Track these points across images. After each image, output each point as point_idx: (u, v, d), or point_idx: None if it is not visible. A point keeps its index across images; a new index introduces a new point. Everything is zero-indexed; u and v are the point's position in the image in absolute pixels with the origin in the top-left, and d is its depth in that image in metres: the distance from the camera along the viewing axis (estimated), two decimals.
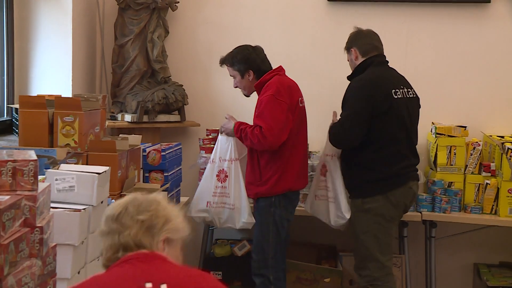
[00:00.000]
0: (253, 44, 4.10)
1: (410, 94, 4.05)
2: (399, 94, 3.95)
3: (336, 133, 3.98)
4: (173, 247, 1.99)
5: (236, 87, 4.10)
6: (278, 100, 3.85)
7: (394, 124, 3.91)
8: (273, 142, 3.82)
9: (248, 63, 3.99)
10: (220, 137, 4.10)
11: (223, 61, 4.07)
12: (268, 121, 3.80)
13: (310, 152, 4.79)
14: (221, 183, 4.05)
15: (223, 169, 4.04)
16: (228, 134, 4.04)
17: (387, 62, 4.11)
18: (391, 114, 3.90)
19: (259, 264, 3.97)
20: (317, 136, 4.89)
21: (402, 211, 4.05)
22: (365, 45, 4.05)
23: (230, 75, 4.07)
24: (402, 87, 4.00)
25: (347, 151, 4.04)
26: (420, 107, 4.16)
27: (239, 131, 3.91)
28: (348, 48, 4.11)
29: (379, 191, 3.89)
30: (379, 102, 3.87)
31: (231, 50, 4.07)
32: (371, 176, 3.91)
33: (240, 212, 4.04)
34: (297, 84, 4.06)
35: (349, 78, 4.09)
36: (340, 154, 4.13)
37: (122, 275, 1.87)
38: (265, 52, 4.12)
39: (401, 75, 4.11)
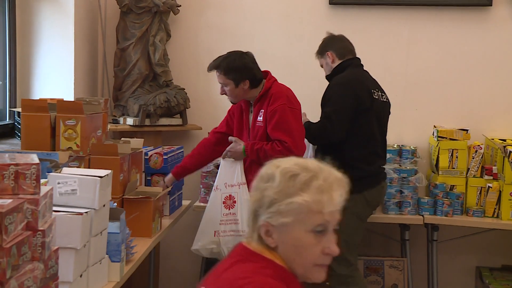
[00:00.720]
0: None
1: (384, 98, 4.15)
2: (376, 95, 4.06)
3: (321, 127, 3.97)
4: (288, 233, 1.69)
5: (223, 94, 3.84)
6: (292, 109, 3.71)
7: (373, 123, 4.01)
8: (298, 155, 3.55)
9: (246, 72, 3.73)
10: (223, 162, 3.85)
11: (215, 68, 3.77)
12: (290, 134, 3.63)
13: None
14: (229, 209, 3.77)
15: (230, 195, 3.78)
16: (236, 158, 3.79)
17: (362, 65, 4.20)
18: (372, 113, 4.00)
19: None
20: None
21: (373, 210, 4.15)
22: (341, 48, 4.14)
23: (220, 82, 3.79)
24: (377, 89, 4.10)
25: (325, 148, 4.06)
26: (389, 114, 4.24)
27: (255, 151, 3.67)
28: (322, 52, 4.16)
29: (356, 190, 3.91)
30: (363, 99, 3.96)
31: (222, 55, 3.84)
32: (350, 174, 3.91)
33: None
34: None
35: (328, 78, 4.14)
36: (315, 151, 4.15)
37: (214, 270, 1.76)
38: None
39: (374, 79, 4.19)
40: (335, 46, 4.13)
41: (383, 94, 4.15)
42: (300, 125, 3.74)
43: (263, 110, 3.73)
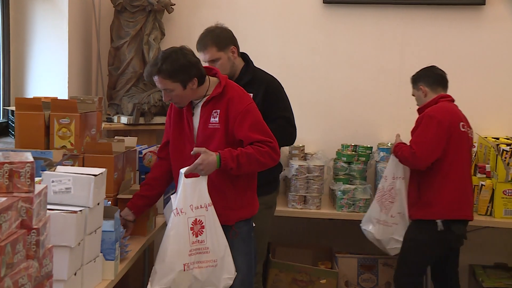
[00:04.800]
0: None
1: None
2: None
3: (292, 133, 3.81)
4: None
5: (168, 100, 3.24)
6: (257, 109, 3.27)
7: None
8: (280, 155, 3.26)
9: (192, 70, 3.16)
10: (184, 180, 3.11)
11: (155, 73, 3.16)
12: (269, 134, 3.20)
13: (306, 153, 4.81)
14: (197, 236, 3.11)
15: (196, 219, 3.10)
16: (207, 173, 3.12)
17: None
18: None
19: None
20: (313, 138, 4.93)
21: None
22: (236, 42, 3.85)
23: (163, 89, 3.20)
24: None
25: None
26: None
27: (235, 158, 3.10)
28: (226, 45, 3.71)
29: (276, 187, 3.97)
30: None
31: (155, 57, 3.30)
32: (277, 171, 3.93)
33: (223, 266, 3.17)
34: None
35: (244, 76, 3.80)
36: None
37: None
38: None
39: None
40: (236, 41, 3.79)
41: None
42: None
43: (218, 110, 3.20)
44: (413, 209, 4.08)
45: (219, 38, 3.69)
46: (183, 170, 3.11)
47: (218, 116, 3.20)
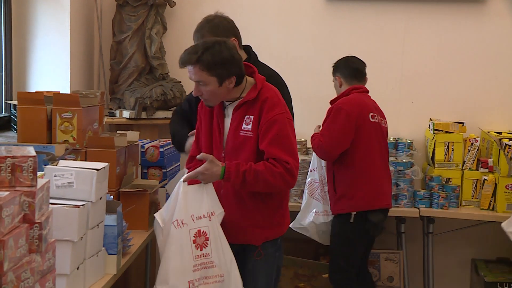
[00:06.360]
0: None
1: None
2: None
3: None
4: None
5: (199, 95, 2.94)
6: (290, 121, 2.96)
7: None
8: (296, 178, 2.94)
9: (234, 66, 2.87)
10: (185, 187, 2.89)
11: (194, 61, 2.86)
12: (292, 153, 2.89)
13: (308, 148, 4.81)
14: (201, 250, 2.85)
15: (199, 230, 2.86)
16: (206, 182, 2.91)
17: None
18: None
19: None
20: None
21: None
22: None
23: (196, 80, 2.90)
24: None
25: None
26: None
27: (241, 174, 2.83)
28: (226, 37, 3.28)
29: None
30: None
31: (197, 44, 2.96)
32: None
33: (230, 282, 2.91)
34: None
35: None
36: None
37: None
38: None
39: None
40: (237, 32, 3.47)
41: None
42: (296, 140, 3.00)
43: (252, 116, 2.92)
44: (331, 204, 4.11)
45: (218, 29, 3.34)
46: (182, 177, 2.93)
47: (251, 123, 2.91)
